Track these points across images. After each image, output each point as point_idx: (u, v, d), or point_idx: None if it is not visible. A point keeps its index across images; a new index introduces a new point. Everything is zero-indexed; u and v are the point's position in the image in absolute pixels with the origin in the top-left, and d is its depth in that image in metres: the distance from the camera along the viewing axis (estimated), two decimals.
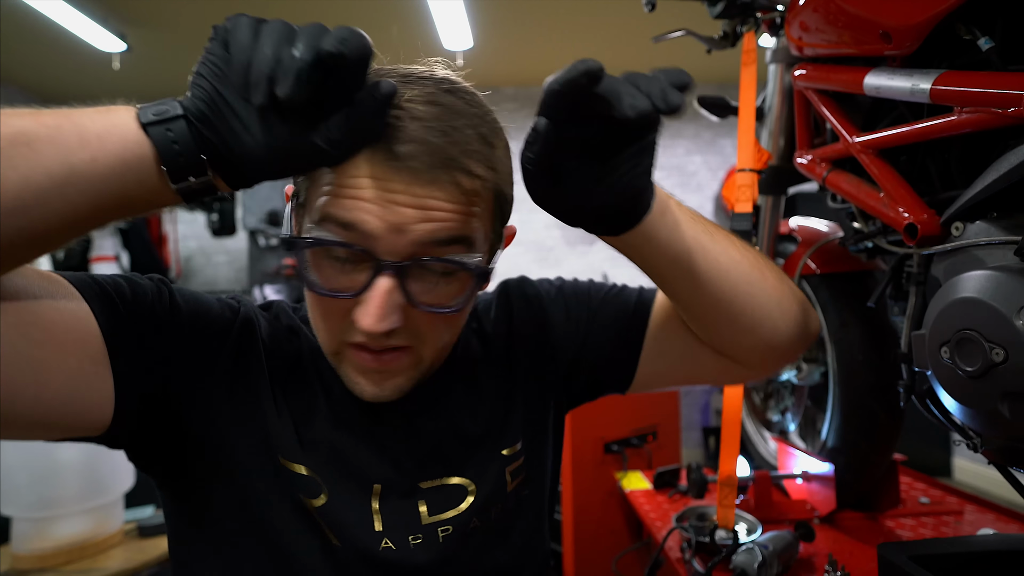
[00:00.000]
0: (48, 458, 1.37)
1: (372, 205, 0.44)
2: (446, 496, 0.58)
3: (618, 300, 0.67)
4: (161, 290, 0.50)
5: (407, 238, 0.45)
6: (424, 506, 0.57)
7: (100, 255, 3.17)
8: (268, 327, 0.57)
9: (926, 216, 0.71)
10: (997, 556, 0.67)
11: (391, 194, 0.44)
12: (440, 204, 0.45)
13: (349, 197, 0.44)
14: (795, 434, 1.25)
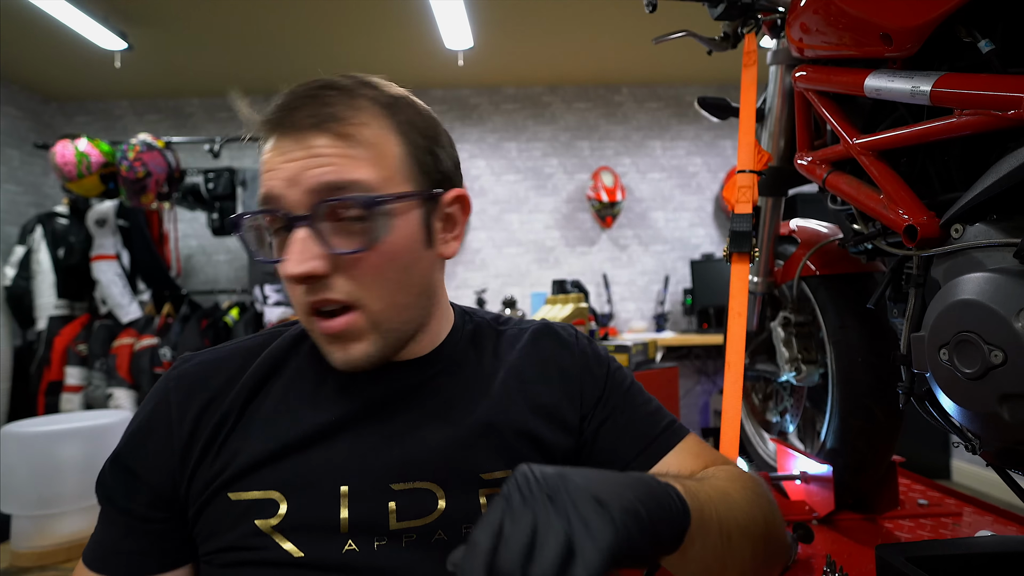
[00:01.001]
0: (48, 457, 1.38)
1: (274, 171, 0.53)
2: (417, 503, 0.56)
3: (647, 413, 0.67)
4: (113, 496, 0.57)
5: (302, 187, 0.51)
6: (394, 509, 0.55)
7: (101, 253, 3.17)
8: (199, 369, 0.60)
9: (926, 218, 0.71)
10: (995, 558, 0.67)
11: (285, 154, 0.52)
12: (322, 151, 0.52)
13: (264, 175, 0.54)
14: (794, 435, 1.25)
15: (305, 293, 0.54)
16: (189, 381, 0.59)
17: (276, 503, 0.54)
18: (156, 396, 0.59)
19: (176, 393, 0.58)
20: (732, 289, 0.95)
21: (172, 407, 0.57)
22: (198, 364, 0.60)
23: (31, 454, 1.38)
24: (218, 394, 0.58)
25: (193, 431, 0.56)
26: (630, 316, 4.24)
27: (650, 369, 1.77)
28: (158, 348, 3.05)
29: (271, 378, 0.60)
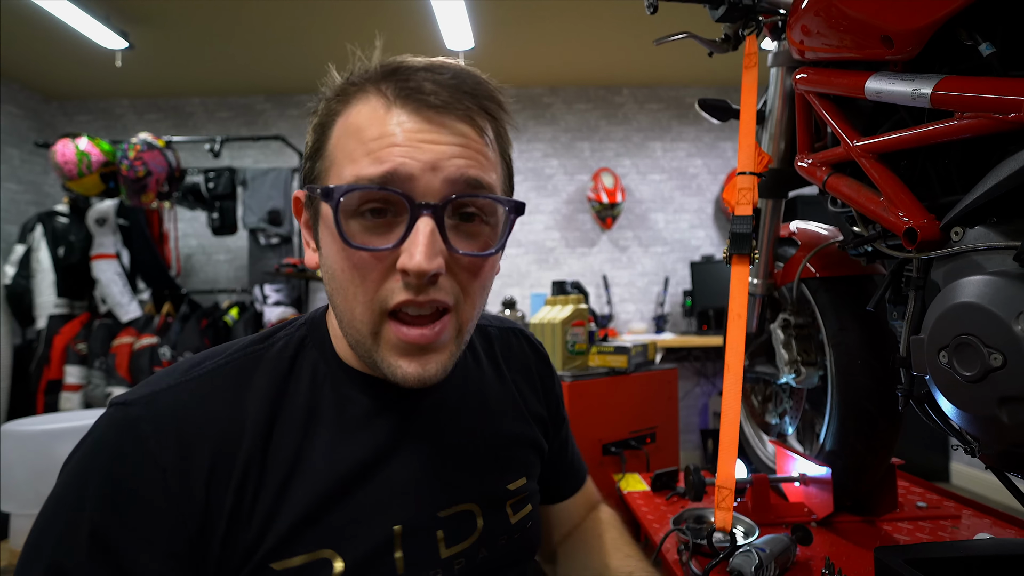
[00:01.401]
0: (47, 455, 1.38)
1: (403, 148, 0.45)
2: (461, 525, 0.55)
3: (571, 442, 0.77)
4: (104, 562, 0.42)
5: (441, 175, 0.46)
6: (442, 536, 0.53)
7: (100, 252, 3.17)
8: (178, 417, 0.46)
9: (926, 220, 0.71)
10: (994, 561, 0.67)
11: (420, 135, 0.46)
12: (468, 142, 0.48)
13: (380, 148, 0.46)
14: (793, 437, 1.25)
15: (410, 291, 0.46)
16: (174, 435, 0.44)
17: (329, 562, 0.46)
18: (128, 457, 0.43)
19: (164, 454, 0.44)
20: (732, 291, 0.95)
21: (167, 474, 0.43)
22: (173, 411, 0.46)
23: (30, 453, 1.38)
24: (222, 447, 0.46)
25: (208, 504, 0.44)
26: (630, 317, 4.24)
27: (649, 371, 1.77)
28: (158, 347, 3.05)
29: (278, 415, 0.49)
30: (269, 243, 3.66)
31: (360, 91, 0.49)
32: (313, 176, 0.51)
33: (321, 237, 0.51)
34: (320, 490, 0.48)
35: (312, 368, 0.53)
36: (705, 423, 4.09)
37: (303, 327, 0.56)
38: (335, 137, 0.49)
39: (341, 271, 0.48)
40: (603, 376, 1.66)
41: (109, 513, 0.42)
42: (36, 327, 3.19)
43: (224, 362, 0.51)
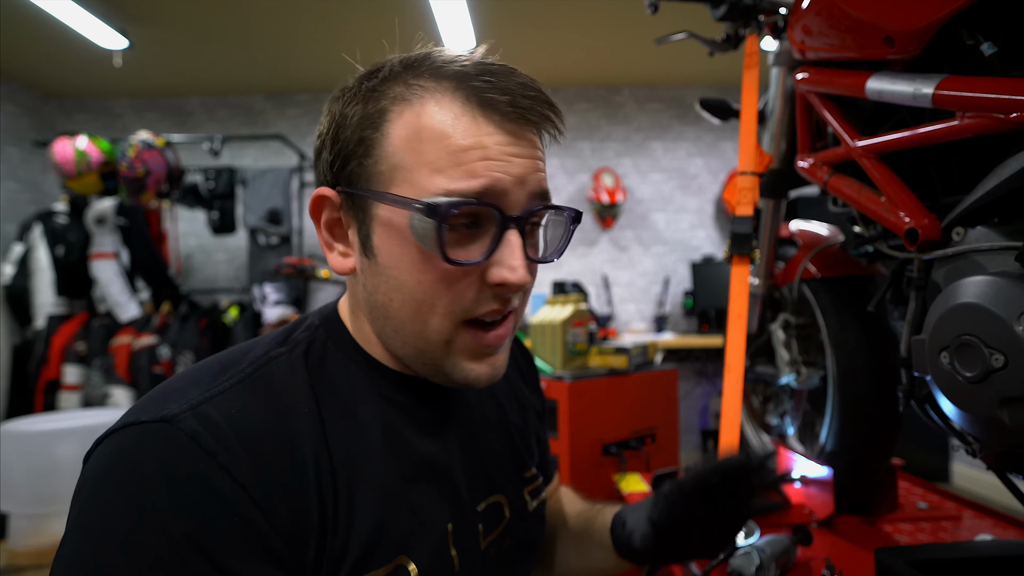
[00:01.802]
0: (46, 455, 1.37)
1: (496, 163, 0.45)
2: (493, 516, 0.57)
3: (546, 437, 0.77)
4: None
5: (526, 190, 0.46)
6: (482, 530, 0.55)
7: (99, 252, 3.16)
8: (230, 430, 0.41)
9: (927, 221, 0.71)
10: (994, 562, 0.67)
11: (507, 147, 0.45)
12: (540, 155, 0.48)
13: (474, 161, 0.44)
14: (794, 438, 1.25)
15: (498, 301, 0.47)
16: (241, 448, 0.41)
17: (405, 568, 0.47)
18: (201, 474, 0.39)
19: (239, 467, 0.40)
20: (732, 291, 0.95)
21: (248, 489, 0.40)
22: (229, 423, 0.42)
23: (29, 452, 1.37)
24: (290, 456, 0.43)
25: (294, 515, 0.41)
26: (630, 317, 4.24)
27: (649, 371, 1.77)
28: (157, 347, 3.05)
29: (326, 421, 0.47)
30: (269, 243, 3.66)
31: (426, 91, 0.46)
32: (358, 176, 0.47)
33: (380, 243, 0.47)
34: (385, 495, 0.47)
35: (344, 371, 0.51)
36: (705, 424, 4.09)
37: (319, 329, 0.53)
38: (399, 138, 0.45)
39: (419, 283, 0.46)
40: (603, 376, 1.66)
41: (207, 537, 0.38)
42: (35, 327, 3.19)
43: (251, 370, 0.47)
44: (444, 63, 0.46)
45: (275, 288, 3.37)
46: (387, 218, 0.46)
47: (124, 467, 0.39)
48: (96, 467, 0.41)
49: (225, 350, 0.51)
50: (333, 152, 0.48)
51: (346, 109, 0.48)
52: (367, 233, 0.48)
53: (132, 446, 0.40)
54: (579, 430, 1.56)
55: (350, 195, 0.48)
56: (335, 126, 0.48)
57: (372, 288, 0.49)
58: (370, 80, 0.48)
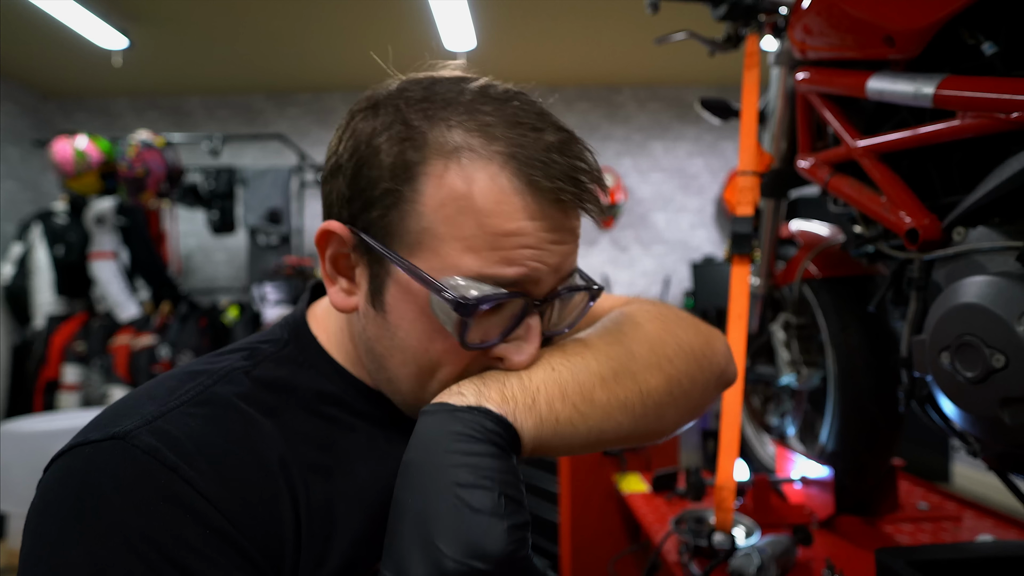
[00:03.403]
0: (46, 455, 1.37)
1: (535, 251, 0.41)
2: None
3: None
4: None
5: (559, 275, 0.44)
6: None
7: (99, 251, 3.16)
8: (209, 458, 0.39)
9: (928, 221, 0.71)
10: (995, 562, 0.67)
11: (548, 234, 0.42)
12: (577, 237, 0.45)
13: (512, 248, 0.41)
14: (794, 438, 1.25)
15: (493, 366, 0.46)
16: (204, 462, 0.39)
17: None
18: (165, 489, 0.37)
19: (204, 482, 0.38)
20: (732, 291, 0.95)
21: (213, 503, 0.38)
22: (188, 437, 0.39)
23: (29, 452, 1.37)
24: (259, 475, 0.41)
25: (271, 530, 0.40)
26: None
27: None
28: (156, 347, 3.05)
29: (295, 434, 0.46)
30: (268, 243, 3.65)
31: (475, 155, 0.41)
32: (379, 229, 0.43)
33: (392, 303, 0.44)
34: (368, 505, 0.46)
35: (316, 386, 0.49)
36: (705, 423, 4.08)
37: (288, 345, 0.50)
38: (435, 200, 0.41)
39: (426, 351, 0.44)
40: None
41: (183, 550, 0.36)
42: (34, 326, 3.19)
43: (211, 382, 0.44)
44: (497, 120, 0.41)
45: (275, 288, 3.37)
46: (404, 284, 0.43)
47: (74, 490, 0.37)
48: (43, 494, 0.38)
49: (185, 363, 0.49)
50: (353, 189, 0.43)
51: (376, 140, 0.42)
52: (379, 287, 0.44)
53: (81, 467, 0.37)
54: None
55: (365, 243, 0.44)
56: (359, 157, 0.43)
57: (373, 336, 0.46)
58: (410, 112, 0.42)
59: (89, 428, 0.40)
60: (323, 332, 0.52)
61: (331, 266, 0.47)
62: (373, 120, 0.43)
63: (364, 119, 0.44)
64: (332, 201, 0.46)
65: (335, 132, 0.47)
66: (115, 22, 3.09)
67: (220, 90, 4.25)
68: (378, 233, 0.43)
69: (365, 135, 0.43)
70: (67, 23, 2.99)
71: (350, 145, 0.44)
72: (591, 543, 1.55)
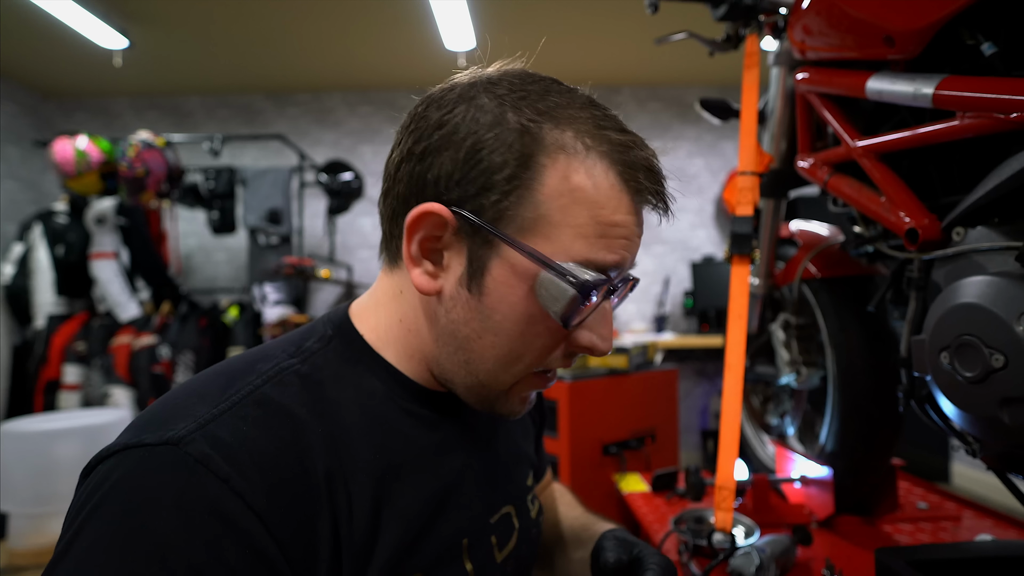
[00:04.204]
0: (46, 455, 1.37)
1: (628, 242, 0.46)
2: (505, 528, 0.56)
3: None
4: None
5: (631, 264, 0.49)
6: (495, 542, 0.54)
7: (99, 251, 3.16)
8: (258, 471, 0.39)
9: (927, 221, 0.71)
10: (994, 562, 0.67)
11: (636, 228, 0.47)
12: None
13: (615, 237, 0.45)
14: (794, 438, 1.25)
15: (568, 359, 0.50)
16: (256, 473, 0.39)
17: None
18: (214, 504, 0.37)
19: (254, 495, 0.38)
20: (732, 291, 0.95)
21: (263, 519, 0.38)
22: (242, 444, 0.40)
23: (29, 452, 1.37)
24: (305, 481, 0.41)
25: (308, 542, 0.40)
26: (630, 318, 4.24)
27: (649, 371, 1.77)
28: (157, 347, 3.05)
29: (345, 439, 0.45)
30: (268, 242, 3.65)
31: (588, 150, 0.44)
32: (494, 212, 0.44)
33: (494, 285, 0.45)
34: (412, 516, 0.46)
35: (365, 384, 0.49)
36: (705, 424, 4.09)
37: (333, 340, 0.51)
38: (552, 189, 0.43)
39: (521, 335, 0.46)
40: (603, 376, 1.66)
41: (224, 572, 0.36)
42: (35, 326, 3.19)
43: (261, 382, 0.44)
44: (607, 124, 0.46)
45: (275, 288, 3.37)
46: (512, 265, 0.44)
47: (127, 495, 0.37)
48: (97, 492, 0.38)
49: (232, 358, 0.49)
50: (464, 170, 0.44)
51: (494, 131, 0.43)
52: (480, 269, 0.45)
53: (137, 471, 0.37)
54: (579, 430, 1.56)
55: (472, 224, 0.44)
56: (477, 142, 0.43)
57: (460, 320, 0.47)
58: (524, 104, 0.45)
59: (141, 427, 0.40)
60: (369, 330, 0.52)
61: (418, 248, 0.47)
62: (478, 108, 0.45)
63: (466, 106, 0.45)
64: (427, 183, 0.45)
65: (411, 117, 0.48)
66: (115, 22, 3.09)
67: (220, 90, 4.25)
68: (490, 216, 0.44)
69: (479, 122, 0.44)
70: (68, 23, 2.99)
71: (449, 128, 0.45)
72: None
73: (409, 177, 0.46)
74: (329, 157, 4.02)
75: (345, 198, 3.63)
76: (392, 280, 0.52)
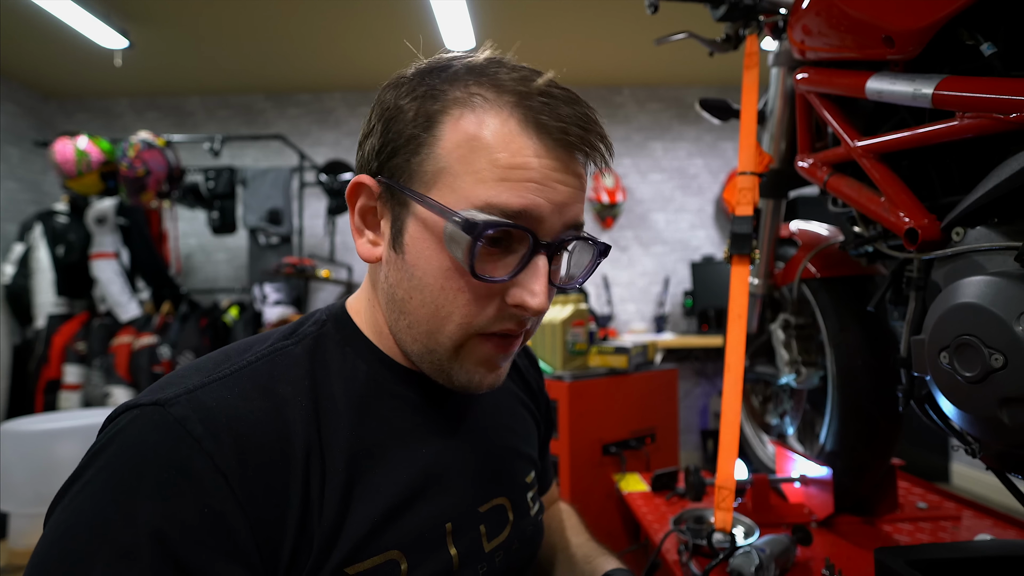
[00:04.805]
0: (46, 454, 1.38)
1: (539, 186, 0.45)
2: (498, 519, 0.57)
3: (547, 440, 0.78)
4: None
5: (563, 219, 0.47)
6: (484, 531, 0.55)
7: (100, 251, 3.16)
8: (231, 427, 0.41)
9: (927, 221, 0.71)
10: (994, 562, 0.67)
11: (553, 172, 0.45)
12: (581, 183, 0.48)
13: (518, 180, 0.44)
14: (793, 438, 1.25)
15: (513, 321, 0.48)
16: (229, 435, 0.41)
17: (397, 563, 0.47)
18: (183, 461, 0.39)
19: (223, 456, 0.40)
20: (732, 291, 0.95)
21: (228, 479, 0.40)
22: (221, 409, 0.42)
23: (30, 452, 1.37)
24: (280, 448, 0.43)
25: (274, 509, 0.42)
26: (630, 317, 4.24)
27: (649, 371, 1.77)
28: (157, 347, 3.05)
29: (325, 415, 0.47)
30: (269, 242, 3.66)
31: (487, 102, 0.45)
32: (402, 172, 0.47)
33: (411, 242, 0.47)
34: (389, 493, 0.48)
35: (351, 366, 0.51)
36: (705, 424, 4.09)
37: (326, 324, 0.53)
38: (451, 142, 0.45)
39: (442, 289, 0.47)
40: (603, 376, 1.66)
41: (173, 527, 0.37)
42: (35, 326, 3.19)
43: (254, 359, 0.47)
44: (509, 78, 0.46)
45: (275, 288, 3.37)
46: (423, 220, 0.46)
47: (113, 449, 0.41)
48: (99, 442, 0.42)
49: (236, 342, 0.52)
50: (382, 141, 0.48)
51: (401, 101, 0.47)
52: (400, 228, 0.48)
53: (128, 428, 0.41)
54: (579, 430, 1.56)
55: (390, 188, 0.48)
56: (387, 116, 0.48)
57: (394, 282, 0.49)
58: (431, 78, 0.47)
59: (144, 392, 0.44)
60: (355, 314, 0.55)
61: (359, 219, 0.51)
62: (397, 88, 0.49)
63: (392, 87, 0.49)
64: (362, 159, 0.50)
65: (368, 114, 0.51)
66: (115, 22, 3.10)
67: (220, 90, 4.25)
68: (401, 177, 0.47)
69: (392, 97, 0.48)
70: (68, 24, 2.99)
71: (379, 108, 0.49)
72: None
73: (357, 162, 0.52)
74: (329, 157, 4.02)
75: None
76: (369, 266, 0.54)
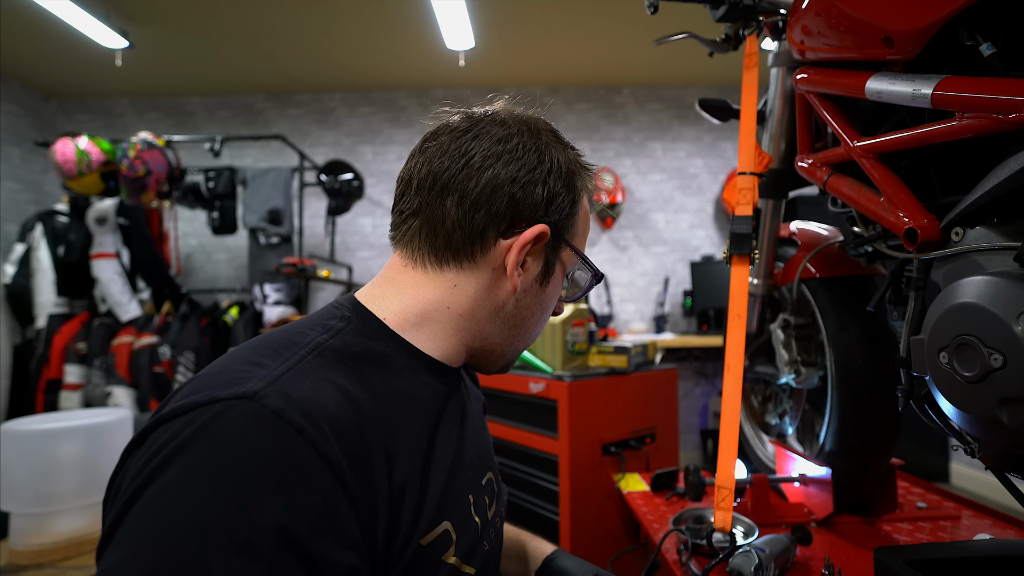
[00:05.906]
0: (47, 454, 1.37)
1: None
2: (491, 491, 0.65)
3: None
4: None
5: None
6: (487, 501, 0.63)
7: (100, 251, 3.17)
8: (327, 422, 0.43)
9: (926, 221, 0.71)
10: (993, 561, 0.67)
11: None
12: None
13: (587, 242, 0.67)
14: (793, 438, 1.25)
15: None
16: (326, 424, 0.42)
17: (449, 533, 0.52)
18: (290, 453, 0.40)
19: (324, 445, 0.41)
20: (732, 291, 0.95)
21: (332, 466, 0.41)
22: (309, 400, 0.43)
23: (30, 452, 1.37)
24: (362, 445, 0.45)
25: (371, 492, 0.45)
26: (630, 317, 4.24)
27: (649, 371, 1.77)
28: (157, 347, 3.05)
29: (384, 404, 0.50)
30: (269, 242, 3.66)
31: (586, 192, 0.63)
32: (565, 226, 0.60)
33: (552, 279, 0.62)
34: (443, 472, 0.54)
35: (388, 357, 0.54)
36: (705, 423, 4.09)
37: (352, 320, 0.55)
38: (582, 213, 0.62)
39: (549, 310, 0.64)
40: (603, 376, 1.66)
41: (290, 519, 0.38)
42: (36, 326, 3.19)
43: (306, 353, 0.48)
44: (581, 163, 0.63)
45: (275, 288, 3.37)
46: (564, 263, 0.62)
47: (203, 444, 0.38)
48: (173, 440, 0.39)
49: (262, 336, 0.52)
50: (551, 196, 0.58)
51: (560, 168, 0.59)
52: (550, 269, 0.61)
53: (218, 421, 0.39)
54: (579, 430, 1.56)
55: (556, 237, 0.60)
56: (556, 175, 0.59)
57: (526, 306, 0.61)
58: (563, 144, 0.62)
59: (206, 387, 0.42)
60: (391, 313, 0.57)
61: (518, 254, 0.57)
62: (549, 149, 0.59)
63: (558, 149, 0.60)
64: (526, 206, 0.57)
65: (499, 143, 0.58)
66: (115, 23, 3.10)
67: (221, 91, 4.25)
68: (564, 231, 0.61)
69: (556, 161, 0.59)
70: (68, 24, 2.99)
71: (552, 167, 0.58)
72: (591, 542, 1.55)
73: (510, 199, 0.56)
74: (329, 157, 4.02)
75: (345, 198, 3.63)
76: (443, 275, 0.57)
